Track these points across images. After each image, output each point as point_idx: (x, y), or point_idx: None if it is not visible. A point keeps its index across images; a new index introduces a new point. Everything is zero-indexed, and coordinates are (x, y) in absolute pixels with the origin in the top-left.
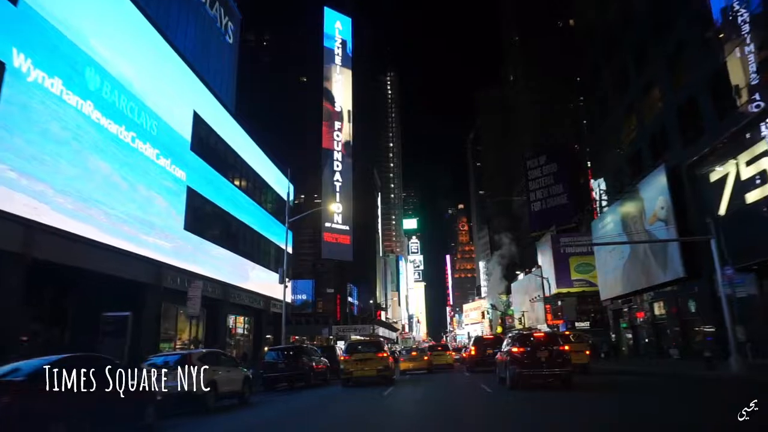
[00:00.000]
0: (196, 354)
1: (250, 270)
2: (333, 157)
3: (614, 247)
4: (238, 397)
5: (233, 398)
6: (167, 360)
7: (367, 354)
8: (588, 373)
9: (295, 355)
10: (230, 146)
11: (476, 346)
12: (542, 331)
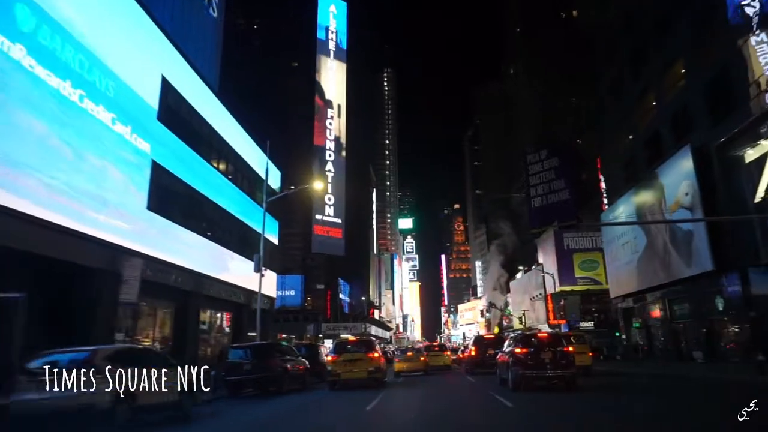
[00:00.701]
0: (103, 351)
1: (230, 260)
2: (325, 146)
3: (626, 241)
4: (173, 409)
5: (165, 411)
6: (58, 359)
7: (356, 354)
8: (590, 375)
9: (264, 355)
10: (210, 124)
11: (476, 347)
12: (546, 332)
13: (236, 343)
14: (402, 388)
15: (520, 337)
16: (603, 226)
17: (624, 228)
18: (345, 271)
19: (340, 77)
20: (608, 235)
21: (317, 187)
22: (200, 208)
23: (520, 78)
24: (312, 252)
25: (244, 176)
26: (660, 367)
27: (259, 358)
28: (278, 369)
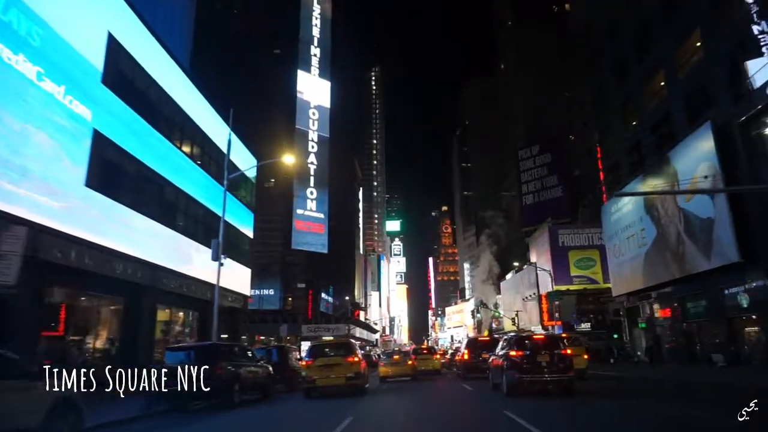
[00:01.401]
0: None
1: (195, 253)
2: (308, 137)
3: (632, 234)
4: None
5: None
6: None
7: (334, 358)
8: (584, 379)
9: (207, 358)
10: (174, 100)
11: (469, 349)
12: (542, 333)
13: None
14: (386, 396)
15: (514, 339)
16: (603, 219)
17: (629, 220)
18: (328, 270)
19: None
20: (610, 229)
21: (288, 161)
22: (159, 191)
23: (511, 73)
24: (292, 248)
25: (216, 162)
26: (670, 371)
27: (201, 362)
28: (225, 377)
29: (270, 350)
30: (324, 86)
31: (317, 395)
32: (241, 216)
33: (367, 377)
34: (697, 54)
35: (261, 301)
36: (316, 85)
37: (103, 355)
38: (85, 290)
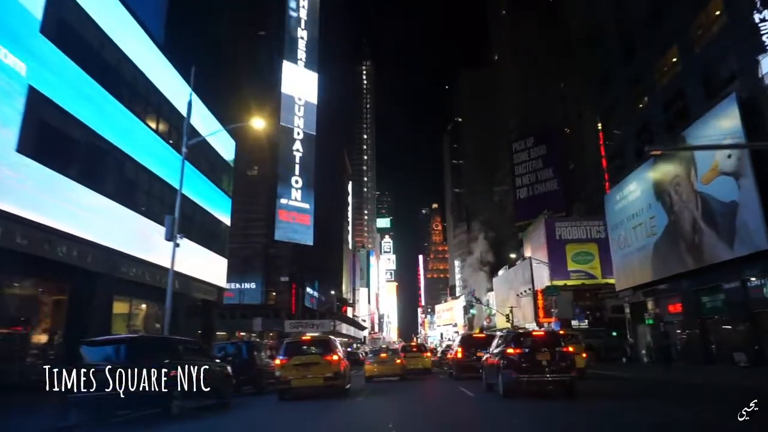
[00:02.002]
0: None
1: (162, 238)
2: (294, 123)
3: (640, 223)
4: None
5: None
6: None
7: (311, 357)
8: (583, 378)
9: (136, 357)
10: (137, 66)
11: (463, 347)
12: (541, 330)
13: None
14: (369, 400)
15: (511, 336)
16: (607, 209)
17: (636, 208)
18: (314, 264)
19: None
20: (614, 219)
21: (257, 125)
22: (117, 166)
23: (505, 63)
24: (275, 240)
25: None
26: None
27: (131, 361)
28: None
29: (239, 346)
30: (311, 78)
31: (291, 397)
32: (217, 201)
33: (348, 377)
34: (717, 24)
35: (242, 295)
36: (302, 76)
37: (41, 351)
38: (18, 275)
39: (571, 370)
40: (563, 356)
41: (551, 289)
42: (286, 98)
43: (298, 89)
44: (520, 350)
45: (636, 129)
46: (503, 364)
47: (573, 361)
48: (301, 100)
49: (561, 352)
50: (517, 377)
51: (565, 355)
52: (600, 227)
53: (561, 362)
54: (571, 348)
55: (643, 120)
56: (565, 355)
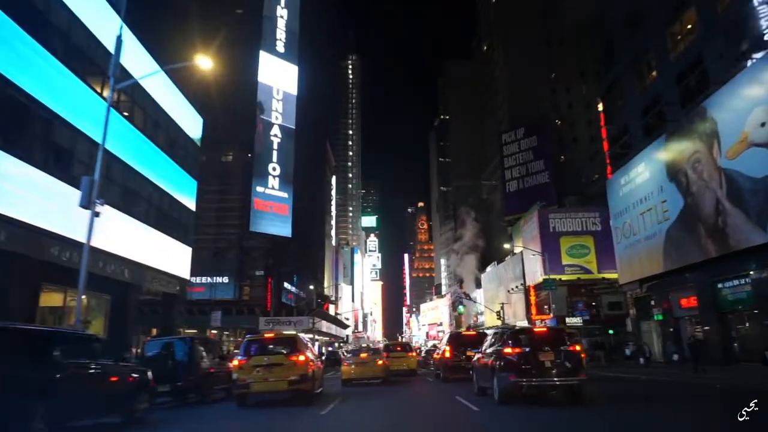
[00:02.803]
0: None
1: (109, 220)
2: (271, 107)
3: (648, 208)
4: None
5: None
6: None
7: (274, 357)
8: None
9: None
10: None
11: (452, 346)
12: (544, 326)
13: (119, 340)
14: (340, 408)
15: (509, 334)
16: (609, 195)
17: (645, 192)
18: (293, 258)
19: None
20: (618, 206)
21: (204, 65)
22: (44, 129)
23: (494, 54)
24: (250, 231)
25: (155, 123)
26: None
27: None
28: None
29: (174, 344)
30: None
31: (252, 404)
32: (180, 182)
33: (319, 380)
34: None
35: (213, 290)
36: (280, 68)
37: None
38: None
39: (580, 372)
40: (569, 356)
41: (548, 283)
42: (263, 87)
43: (277, 80)
44: (519, 349)
45: (643, 106)
46: (499, 365)
47: (581, 362)
48: (279, 92)
49: (567, 351)
50: (517, 381)
51: (571, 354)
52: (596, 219)
53: (567, 363)
54: (577, 346)
55: (651, 96)
56: (572, 354)
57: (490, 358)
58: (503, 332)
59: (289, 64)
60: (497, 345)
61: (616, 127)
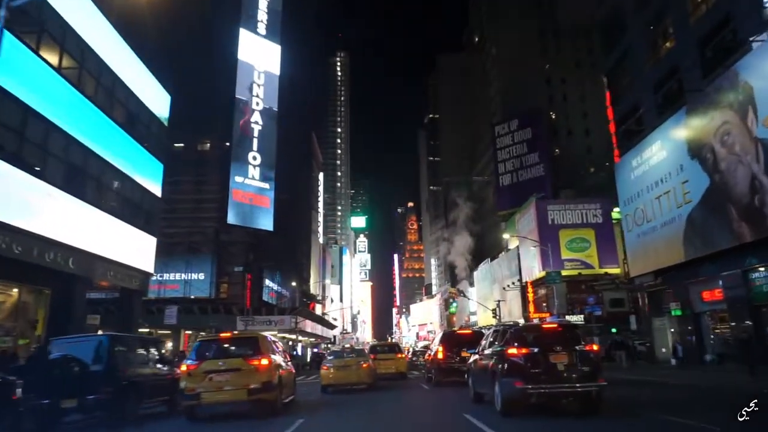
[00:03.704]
0: None
1: (44, 199)
2: (252, 92)
3: (666, 191)
4: None
5: None
6: None
7: (231, 361)
8: None
9: None
10: None
11: (445, 346)
12: (554, 322)
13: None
14: (310, 425)
15: (513, 331)
16: (618, 179)
17: (661, 173)
18: (276, 253)
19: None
20: (629, 191)
21: None
22: None
23: (486, 45)
24: (228, 224)
25: (102, 86)
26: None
27: None
28: None
29: (83, 344)
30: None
31: (192, 417)
32: (141, 164)
33: (287, 388)
34: None
35: (188, 287)
36: (262, 47)
37: None
38: None
39: (598, 377)
40: (585, 358)
41: (551, 277)
42: (243, 66)
43: (258, 59)
44: (526, 350)
45: (657, 80)
46: (502, 369)
47: (599, 365)
48: (260, 72)
49: (582, 351)
50: (524, 388)
51: (588, 356)
52: (597, 210)
53: (583, 366)
54: (595, 346)
55: (667, 67)
56: (589, 356)
57: (489, 360)
58: (506, 329)
59: (272, 43)
60: (498, 344)
61: (624, 105)
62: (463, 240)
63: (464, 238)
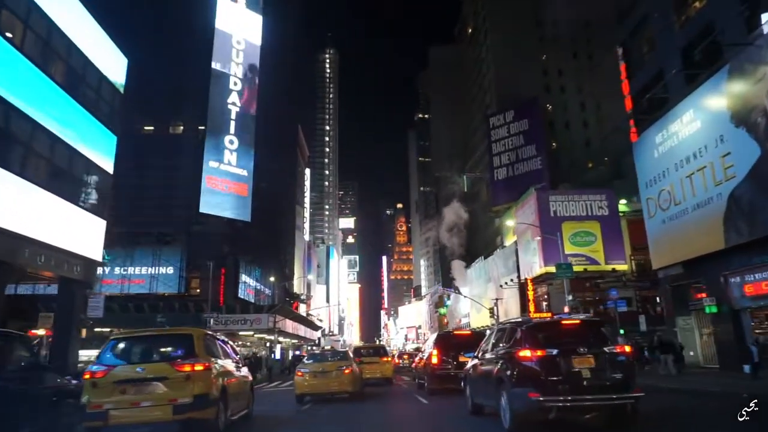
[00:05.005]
0: None
1: None
2: (230, 69)
3: (701, 166)
4: None
5: None
6: None
7: (152, 367)
8: None
9: None
10: None
11: (440, 348)
12: (576, 317)
13: None
14: None
15: (526, 328)
16: (638, 159)
17: (694, 147)
18: (255, 247)
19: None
20: (652, 171)
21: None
22: None
23: (479, 36)
24: (201, 212)
25: (40, 38)
26: None
27: None
28: None
29: None
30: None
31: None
32: (89, 133)
33: (238, 401)
34: None
35: (155, 282)
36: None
37: None
38: None
39: (633, 386)
40: (616, 362)
41: (563, 269)
42: (220, 36)
43: (237, 29)
44: (542, 352)
45: (686, 42)
46: (511, 375)
47: (633, 371)
48: (240, 43)
49: (612, 354)
50: (542, 401)
51: (619, 359)
52: (603, 202)
53: (613, 372)
54: (627, 347)
55: (702, 24)
56: (620, 359)
57: (494, 366)
58: (514, 326)
59: (253, 13)
60: (505, 345)
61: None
62: (454, 212)
63: (456, 210)
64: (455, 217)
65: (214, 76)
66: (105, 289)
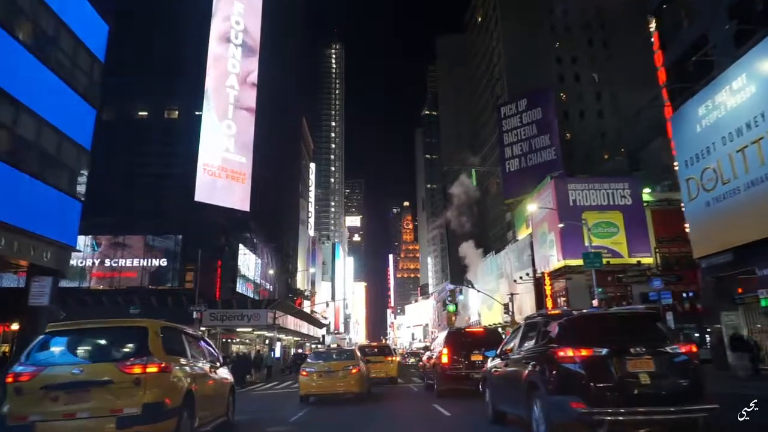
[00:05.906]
0: None
1: None
2: (229, 53)
3: (757, 138)
4: None
5: None
6: None
7: (92, 368)
8: None
9: None
10: None
11: (450, 347)
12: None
13: None
14: None
15: (565, 322)
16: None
17: (747, 116)
18: (254, 239)
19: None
20: (694, 147)
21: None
22: None
23: (490, 24)
24: (196, 202)
25: None
26: None
27: None
28: None
29: None
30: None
31: None
32: (60, 103)
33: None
34: None
35: (146, 274)
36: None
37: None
38: None
39: (704, 396)
40: (680, 365)
41: (591, 259)
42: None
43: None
44: (588, 352)
45: (732, 2)
46: (548, 380)
47: (702, 377)
48: (239, 24)
49: (676, 354)
50: (589, 413)
51: (684, 362)
52: (625, 191)
53: (679, 378)
54: (693, 347)
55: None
56: (686, 362)
57: (524, 367)
58: (548, 320)
59: None
60: (539, 343)
61: (681, 45)
62: (464, 189)
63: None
64: (464, 196)
65: (212, 57)
66: (95, 283)
